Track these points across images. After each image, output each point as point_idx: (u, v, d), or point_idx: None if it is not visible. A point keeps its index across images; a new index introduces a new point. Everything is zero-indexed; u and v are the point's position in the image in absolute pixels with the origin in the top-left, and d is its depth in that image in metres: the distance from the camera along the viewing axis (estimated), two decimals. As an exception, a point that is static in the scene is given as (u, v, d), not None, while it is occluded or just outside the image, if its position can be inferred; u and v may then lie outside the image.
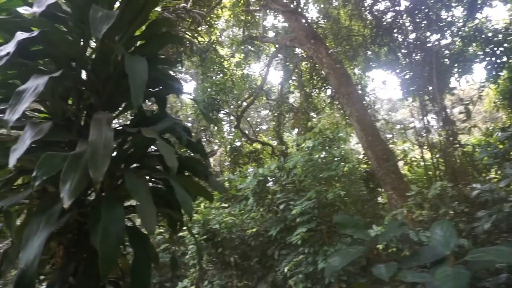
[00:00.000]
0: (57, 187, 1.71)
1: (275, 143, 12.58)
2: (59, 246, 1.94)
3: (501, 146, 5.42)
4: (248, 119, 14.56)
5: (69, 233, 1.95)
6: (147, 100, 2.44)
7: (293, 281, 4.52)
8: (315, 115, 12.44)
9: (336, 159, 5.09)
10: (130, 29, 1.98)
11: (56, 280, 1.69)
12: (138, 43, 2.06)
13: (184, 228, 2.35)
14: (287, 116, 12.39)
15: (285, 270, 4.54)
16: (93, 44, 2.15)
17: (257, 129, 15.99)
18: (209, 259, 5.07)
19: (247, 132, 13.21)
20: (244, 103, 11.86)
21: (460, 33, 9.08)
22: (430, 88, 9.80)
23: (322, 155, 5.05)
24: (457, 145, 10.04)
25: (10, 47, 1.54)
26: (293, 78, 12.66)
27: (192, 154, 2.06)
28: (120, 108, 2.17)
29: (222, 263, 5.05)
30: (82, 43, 2.02)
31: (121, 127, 2.03)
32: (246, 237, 5.26)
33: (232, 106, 11.97)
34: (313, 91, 12.78)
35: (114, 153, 1.90)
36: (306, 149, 4.97)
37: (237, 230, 5.21)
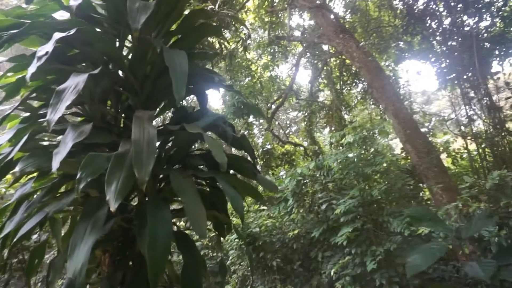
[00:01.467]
0: (100, 192, 1.63)
1: (306, 144, 12.35)
2: (104, 254, 1.86)
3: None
4: (278, 121, 14.41)
5: (114, 240, 1.87)
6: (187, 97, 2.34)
7: (340, 283, 4.29)
8: (347, 113, 12.12)
9: (378, 154, 4.82)
10: (166, 23, 1.89)
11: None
12: (175, 38, 1.98)
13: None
14: (318, 115, 12.13)
15: (331, 273, 4.32)
16: (128, 44, 2.09)
17: (288, 131, 15.80)
18: (250, 264, 4.93)
19: (278, 134, 13.05)
20: (274, 105, 11.74)
21: (500, 13, 8.50)
22: (470, 75, 9.25)
23: (362, 151, 4.80)
24: (505, 133, 9.39)
25: (48, 47, 1.48)
26: (323, 75, 12.42)
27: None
28: (159, 108, 2.09)
29: (264, 268, 4.90)
30: (118, 43, 1.96)
31: (162, 126, 1.94)
32: (287, 239, 5.08)
33: (262, 109, 11.85)
34: (344, 87, 12.47)
35: (156, 153, 1.80)
36: (346, 145, 4.74)
37: (277, 233, 5.04)
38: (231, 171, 1.93)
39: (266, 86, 11.83)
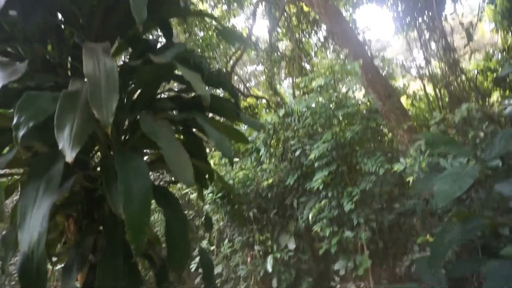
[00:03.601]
0: (52, 146, 1.32)
1: (268, 97, 12.12)
2: (68, 220, 1.58)
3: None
4: (238, 76, 13.92)
5: (77, 204, 1.59)
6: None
7: (318, 227, 4.32)
8: (307, 62, 11.91)
9: (347, 97, 4.72)
10: None
11: (73, 260, 1.35)
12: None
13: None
14: (279, 65, 11.79)
15: (309, 217, 4.32)
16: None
17: (249, 85, 15.39)
18: (226, 217, 4.84)
19: (238, 88, 12.67)
20: (233, 58, 11.26)
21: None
22: (425, 18, 9.34)
23: (333, 94, 4.66)
24: (459, 73, 9.70)
25: None
26: (281, 25, 11.97)
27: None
28: (114, 48, 1.73)
29: (240, 220, 4.82)
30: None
31: (121, 64, 1.60)
32: (261, 190, 4.99)
33: (220, 63, 11.33)
34: (303, 36, 12.17)
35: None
36: (316, 90, 4.57)
37: (250, 184, 4.92)
38: (210, 114, 1.67)
39: (223, 38, 11.20)
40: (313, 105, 4.73)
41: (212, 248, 5.02)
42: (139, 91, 1.57)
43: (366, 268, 4.16)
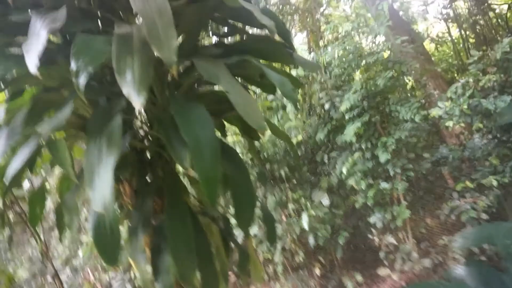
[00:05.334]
0: (107, 97, 1.21)
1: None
2: (121, 183, 1.51)
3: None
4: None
5: (127, 166, 1.51)
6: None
7: (353, 180, 4.22)
8: (321, 14, 11.36)
9: (377, 41, 4.43)
10: None
11: (137, 223, 1.28)
12: None
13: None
14: (292, 18, 11.27)
15: (343, 171, 4.22)
16: None
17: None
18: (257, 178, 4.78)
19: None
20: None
21: None
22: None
23: (361, 40, 4.39)
24: (487, 9, 9.07)
25: None
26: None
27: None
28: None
29: (271, 179, 4.76)
30: None
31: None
32: (290, 148, 4.88)
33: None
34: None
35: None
36: (343, 37, 4.30)
37: (279, 142, 4.81)
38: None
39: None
40: (339, 54, 4.49)
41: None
42: (181, 36, 1.42)
43: (404, 219, 4.08)
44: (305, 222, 4.41)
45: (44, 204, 1.65)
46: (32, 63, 0.89)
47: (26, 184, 2.41)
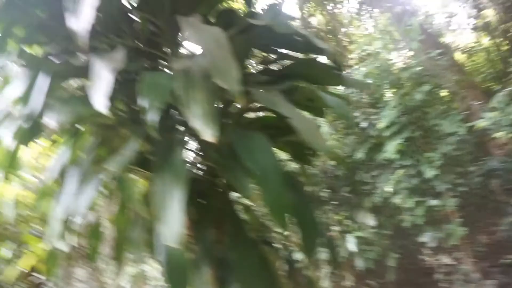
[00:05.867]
0: (164, 132, 1.23)
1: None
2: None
3: None
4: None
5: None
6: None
7: (399, 198, 4.04)
8: (343, 35, 11.43)
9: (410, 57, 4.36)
10: None
11: (199, 256, 1.26)
12: None
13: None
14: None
15: (388, 190, 4.06)
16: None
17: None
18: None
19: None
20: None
21: None
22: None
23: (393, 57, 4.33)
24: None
25: None
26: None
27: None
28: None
29: (312, 201, 4.67)
30: None
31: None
32: (328, 168, 4.79)
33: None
34: (335, 7, 11.70)
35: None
36: (373, 54, 4.26)
37: (317, 163, 4.74)
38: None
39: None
40: (372, 72, 4.44)
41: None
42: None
43: (458, 237, 3.83)
44: (351, 244, 4.24)
45: (102, 238, 1.68)
46: (102, 103, 0.92)
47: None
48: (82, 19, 0.84)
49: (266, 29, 1.28)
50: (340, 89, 4.24)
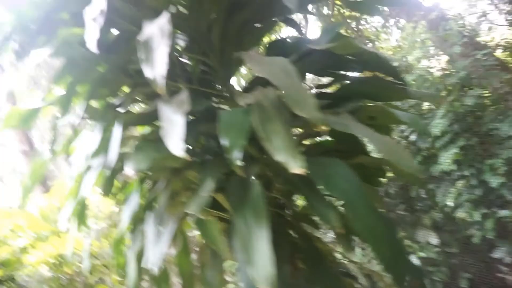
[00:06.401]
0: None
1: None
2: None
3: None
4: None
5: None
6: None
7: (463, 212, 3.76)
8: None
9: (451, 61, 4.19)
10: None
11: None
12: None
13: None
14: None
15: (449, 204, 3.80)
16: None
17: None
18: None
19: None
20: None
21: None
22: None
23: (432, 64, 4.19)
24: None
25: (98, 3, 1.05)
26: (333, 20, 11.65)
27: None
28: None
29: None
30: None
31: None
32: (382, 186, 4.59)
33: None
34: (360, 23, 11.72)
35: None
36: (415, 60, 4.15)
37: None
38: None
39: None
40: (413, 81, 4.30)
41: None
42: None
43: (538, 248, 3.48)
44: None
45: (169, 283, 1.66)
46: (178, 147, 0.91)
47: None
48: (157, 67, 0.85)
49: (324, 52, 1.25)
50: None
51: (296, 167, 0.78)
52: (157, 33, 0.95)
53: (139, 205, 1.36)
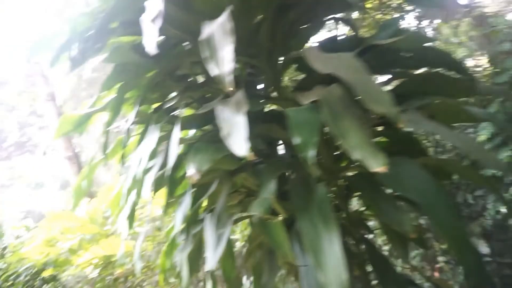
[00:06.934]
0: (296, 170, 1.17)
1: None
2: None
3: None
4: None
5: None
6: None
7: (518, 220, 3.52)
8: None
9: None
10: None
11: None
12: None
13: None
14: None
15: (501, 210, 3.56)
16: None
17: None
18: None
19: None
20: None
21: None
22: None
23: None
24: None
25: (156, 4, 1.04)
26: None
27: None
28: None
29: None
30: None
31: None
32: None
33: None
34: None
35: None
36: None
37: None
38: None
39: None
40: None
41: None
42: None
43: None
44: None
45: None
46: (242, 147, 0.88)
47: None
48: (224, 64, 0.82)
49: (384, 49, 1.19)
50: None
51: (377, 165, 0.73)
52: (219, 31, 0.93)
53: (190, 209, 1.34)
